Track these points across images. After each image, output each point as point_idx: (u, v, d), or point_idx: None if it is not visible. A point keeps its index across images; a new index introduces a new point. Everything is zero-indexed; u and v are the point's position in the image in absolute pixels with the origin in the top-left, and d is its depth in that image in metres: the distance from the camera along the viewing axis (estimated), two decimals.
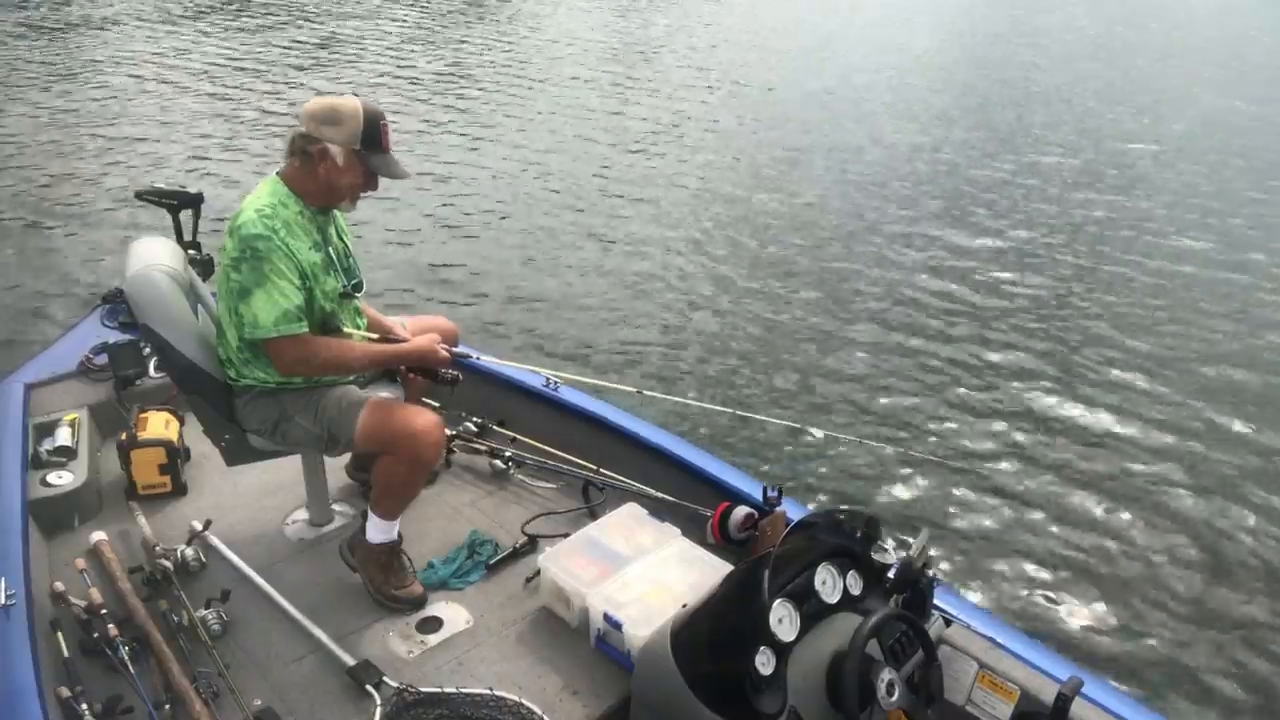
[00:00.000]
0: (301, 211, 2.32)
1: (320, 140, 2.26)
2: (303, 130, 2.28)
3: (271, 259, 2.21)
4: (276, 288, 2.22)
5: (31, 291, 5.78)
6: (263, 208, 2.25)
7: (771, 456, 4.44)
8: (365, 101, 2.31)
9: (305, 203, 2.33)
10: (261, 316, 2.22)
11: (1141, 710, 2.09)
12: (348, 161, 2.28)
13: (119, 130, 9.08)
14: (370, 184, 2.36)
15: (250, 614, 2.40)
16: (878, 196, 8.41)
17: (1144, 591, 3.74)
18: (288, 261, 2.24)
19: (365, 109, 2.29)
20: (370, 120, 2.28)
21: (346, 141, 2.26)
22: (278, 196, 2.30)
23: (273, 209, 2.26)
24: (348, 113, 2.26)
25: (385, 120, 2.33)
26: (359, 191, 2.37)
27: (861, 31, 18.73)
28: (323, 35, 14.21)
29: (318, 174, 2.29)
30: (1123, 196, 8.87)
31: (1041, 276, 6.80)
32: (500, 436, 3.17)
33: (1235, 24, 23.69)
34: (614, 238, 7.10)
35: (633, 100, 11.50)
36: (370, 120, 2.28)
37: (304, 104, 2.36)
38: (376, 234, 6.79)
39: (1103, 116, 12.22)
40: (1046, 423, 4.92)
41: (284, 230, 2.25)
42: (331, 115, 2.26)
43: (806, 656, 1.88)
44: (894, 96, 12.64)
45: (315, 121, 2.27)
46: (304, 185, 2.32)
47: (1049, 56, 16.88)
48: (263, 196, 2.30)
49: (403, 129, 9.14)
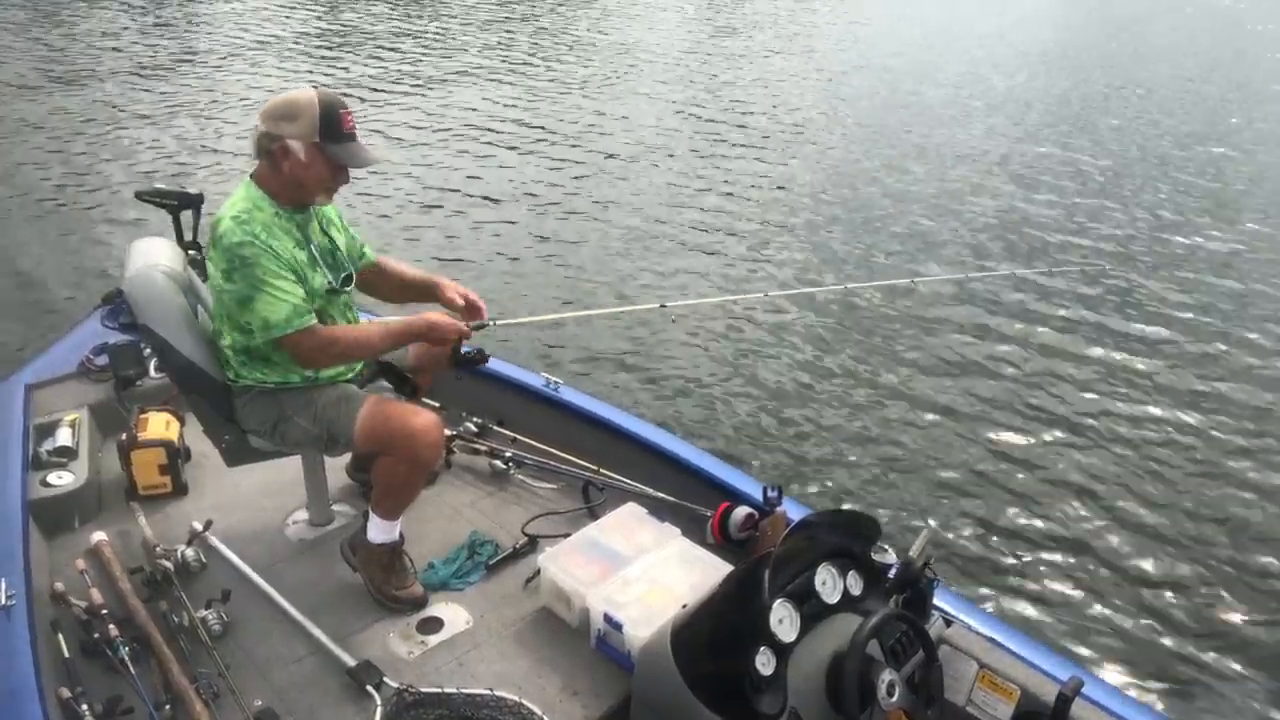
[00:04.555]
0: (277, 213, 2.30)
1: (281, 137, 2.22)
2: (263, 129, 2.24)
3: (261, 262, 2.20)
4: (275, 288, 2.22)
5: (32, 291, 5.78)
6: (238, 214, 2.24)
7: (772, 455, 4.44)
8: (322, 91, 2.27)
9: (279, 203, 2.31)
10: (270, 318, 2.22)
11: (1141, 710, 2.09)
12: (310, 155, 2.23)
13: (119, 130, 9.08)
14: (339, 175, 2.32)
15: (250, 614, 2.40)
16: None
17: (1145, 592, 3.74)
18: (277, 260, 2.23)
19: (321, 99, 2.24)
20: (328, 109, 2.23)
21: (305, 135, 2.22)
22: (252, 200, 2.28)
23: (248, 214, 2.24)
24: (303, 105, 2.22)
25: (345, 108, 2.27)
26: (330, 185, 2.32)
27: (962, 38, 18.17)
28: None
29: (283, 171, 2.26)
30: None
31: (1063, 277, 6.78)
32: (500, 436, 3.17)
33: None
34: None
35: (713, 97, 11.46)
36: (328, 109, 2.23)
37: None
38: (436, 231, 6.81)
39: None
40: (1047, 422, 4.91)
41: (264, 232, 2.23)
42: (287, 110, 2.23)
43: (806, 657, 1.88)
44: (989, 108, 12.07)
45: (272, 119, 2.23)
46: (273, 185, 2.29)
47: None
48: (238, 202, 2.28)
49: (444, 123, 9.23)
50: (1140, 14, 23.04)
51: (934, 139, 10.29)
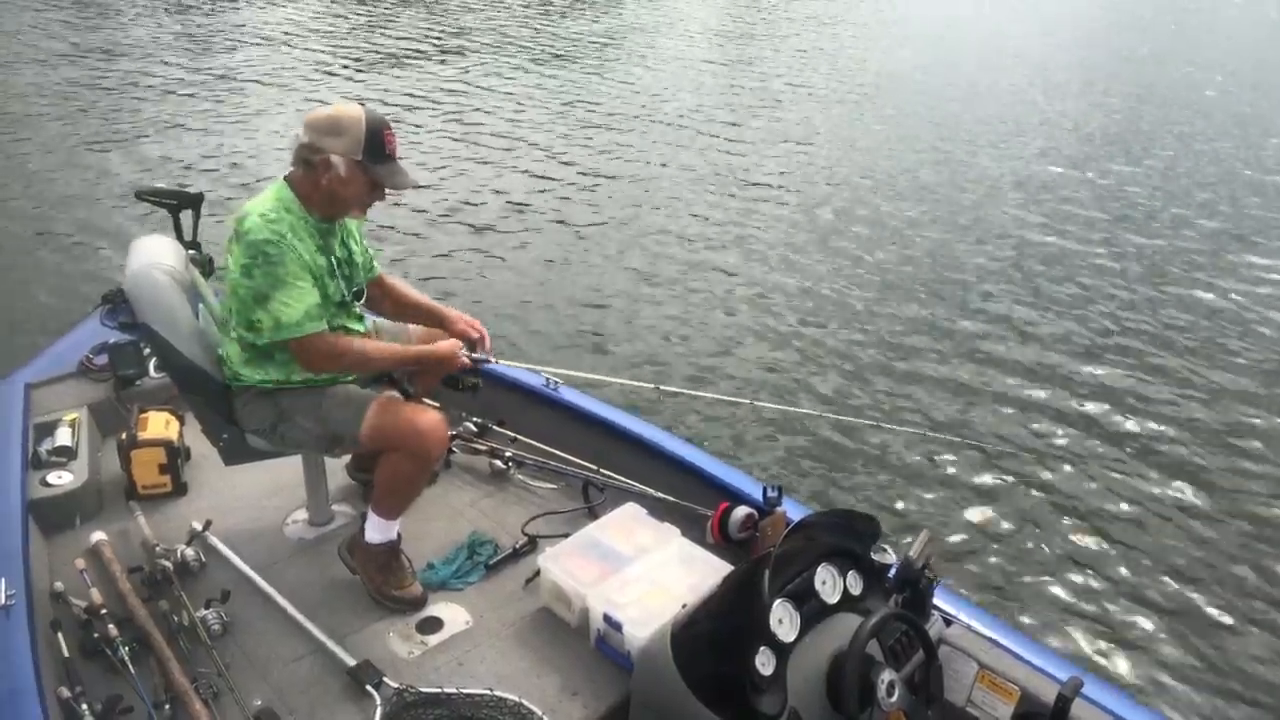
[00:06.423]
0: (305, 218, 2.31)
1: (324, 150, 2.23)
2: (306, 140, 2.25)
3: (285, 262, 2.21)
4: (295, 288, 2.23)
5: (31, 291, 5.78)
6: (266, 212, 2.25)
7: (772, 454, 4.44)
8: (368, 109, 2.28)
9: (309, 210, 2.32)
10: (284, 318, 2.23)
11: (1141, 710, 2.09)
12: (350, 172, 2.25)
13: (120, 129, 9.09)
14: (376, 194, 2.34)
15: (250, 614, 2.40)
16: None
17: (1145, 592, 3.73)
18: (299, 262, 2.24)
19: (368, 117, 2.25)
20: (373, 129, 2.25)
21: (349, 151, 2.23)
22: (283, 202, 2.29)
23: (277, 214, 2.25)
24: (350, 122, 2.24)
25: (389, 129, 2.30)
26: (365, 202, 2.35)
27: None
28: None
29: (321, 184, 2.27)
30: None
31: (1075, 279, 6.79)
32: (500, 436, 3.17)
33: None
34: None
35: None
36: (373, 129, 2.25)
37: (307, 113, 2.34)
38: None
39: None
40: (1048, 422, 4.91)
41: (290, 233, 2.24)
42: (333, 125, 2.24)
43: (806, 657, 1.88)
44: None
45: (317, 132, 2.24)
46: (309, 193, 2.31)
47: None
48: (267, 201, 2.29)
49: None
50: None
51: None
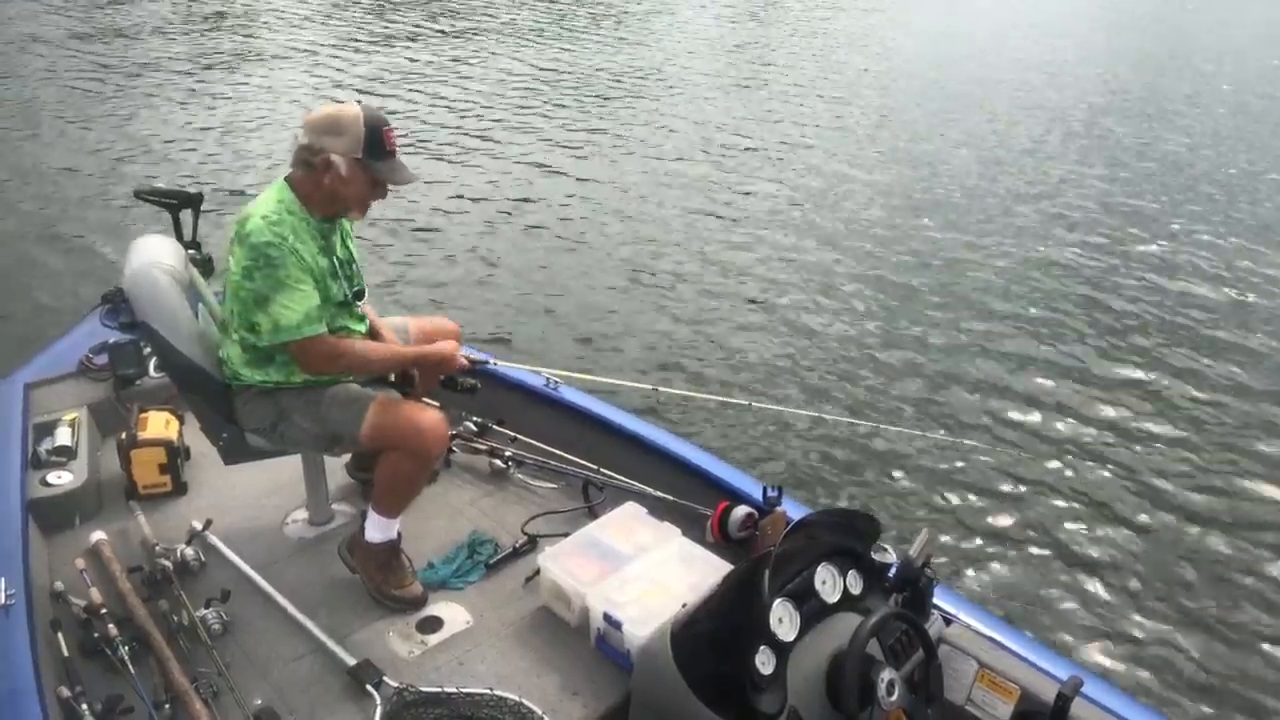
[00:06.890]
0: (306, 219, 2.31)
1: (323, 151, 2.24)
2: (305, 141, 2.26)
3: (286, 265, 2.22)
4: (296, 291, 2.23)
5: (32, 291, 5.78)
6: (269, 214, 2.25)
7: (772, 454, 4.44)
8: (366, 107, 2.29)
9: (311, 211, 2.32)
10: (284, 320, 2.23)
11: (1141, 710, 2.09)
12: (351, 171, 2.26)
13: (121, 129, 9.08)
14: (378, 192, 2.35)
15: (250, 614, 2.40)
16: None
17: (1145, 591, 3.73)
18: (301, 265, 2.24)
19: (367, 115, 2.26)
20: (372, 127, 2.26)
21: (349, 150, 2.24)
22: (284, 203, 2.29)
23: (279, 216, 2.26)
24: (349, 121, 2.25)
25: (388, 125, 2.31)
26: (367, 200, 2.36)
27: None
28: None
29: (323, 184, 2.28)
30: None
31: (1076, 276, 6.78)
32: (500, 436, 3.17)
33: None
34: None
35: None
36: (372, 127, 2.26)
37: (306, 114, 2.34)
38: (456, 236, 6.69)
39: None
40: (1048, 422, 4.91)
41: (292, 236, 2.25)
42: (332, 125, 2.25)
43: (806, 656, 1.88)
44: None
45: (316, 133, 2.25)
46: (310, 194, 2.31)
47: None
48: (269, 202, 2.29)
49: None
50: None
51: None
